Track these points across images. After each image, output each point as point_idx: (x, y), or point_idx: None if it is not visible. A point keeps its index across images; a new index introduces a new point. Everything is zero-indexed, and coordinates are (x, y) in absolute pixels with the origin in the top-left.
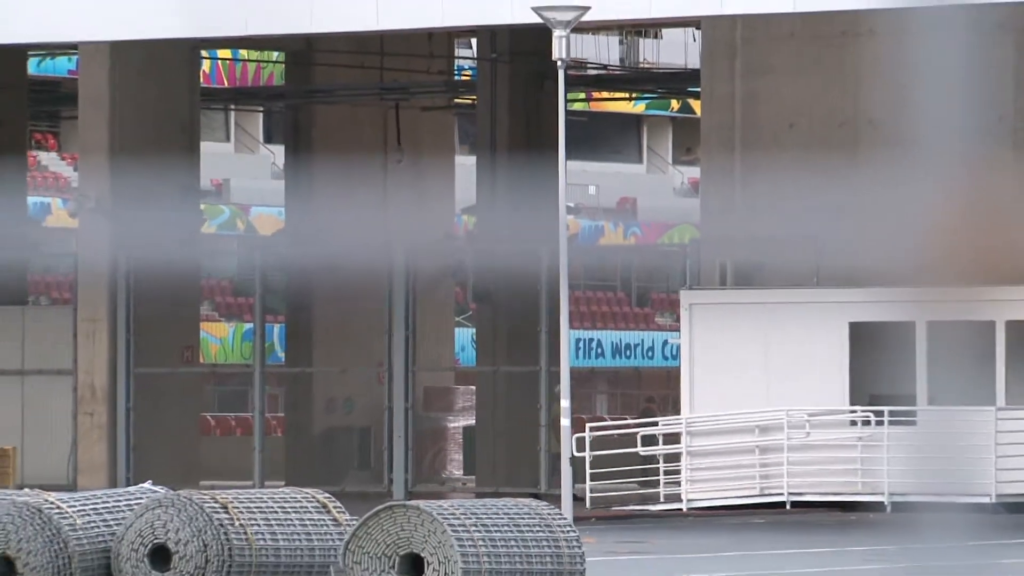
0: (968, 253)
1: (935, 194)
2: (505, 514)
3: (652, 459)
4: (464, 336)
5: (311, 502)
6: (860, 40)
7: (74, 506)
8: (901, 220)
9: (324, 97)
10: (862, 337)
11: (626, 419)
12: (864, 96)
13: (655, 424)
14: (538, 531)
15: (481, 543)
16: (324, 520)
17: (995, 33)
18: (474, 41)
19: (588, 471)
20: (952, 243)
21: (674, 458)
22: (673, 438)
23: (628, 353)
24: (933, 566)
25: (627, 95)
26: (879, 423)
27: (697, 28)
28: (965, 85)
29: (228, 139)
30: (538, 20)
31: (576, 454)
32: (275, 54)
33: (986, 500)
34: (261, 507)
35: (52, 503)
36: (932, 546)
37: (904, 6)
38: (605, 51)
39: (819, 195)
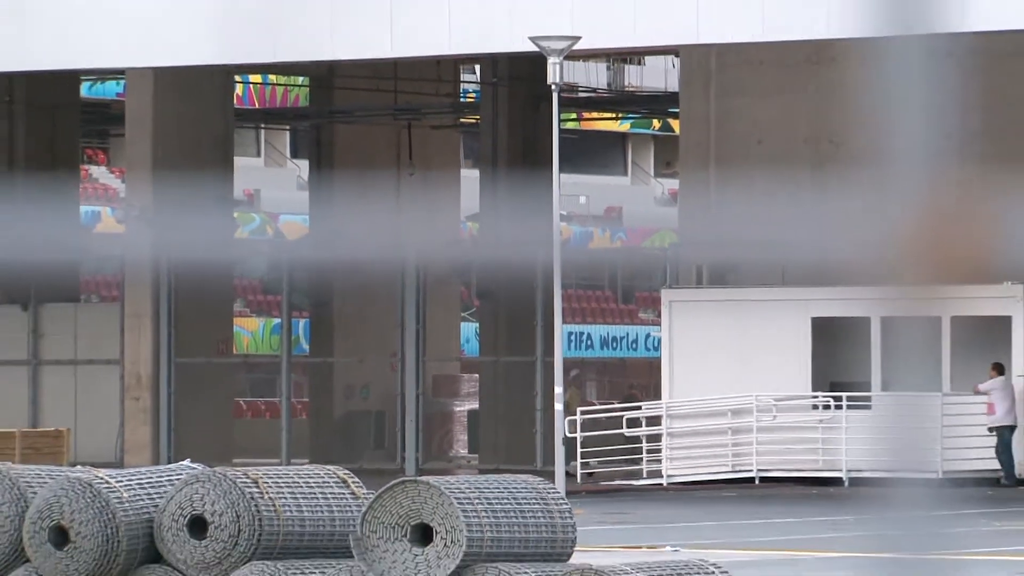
0: (921, 256)
1: (890, 204)
2: (505, 488)
3: (636, 439)
4: (469, 329)
5: (332, 478)
6: (823, 66)
7: (121, 481)
8: (859, 226)
9: (344, 117)
10: (823, 330)
11: (612, 404)
12: (825, 116)
13: (638, 408)
14: (534, 503)
15: (484, 514)
16: (344, 494)
17: (944, 60)
18: (477, 67)
19: (579, 450)
20: (906, 247)
21: (655, 438)
22: (654, 420)
23: (615, 345)
24: (890, 534)
25: (613, 115)
26: (838, 407)
27: (676, 56)
28: (918, 107)
29: (259, 154)
30: (534, 49)
31: (568, 435)
32: (300, 79)
33: (933, 476)
34: (288, 482)
35: (102, 479)
36: (889, 516)
37: (864, 36)
38: (594, 76)
39: (785, 204)
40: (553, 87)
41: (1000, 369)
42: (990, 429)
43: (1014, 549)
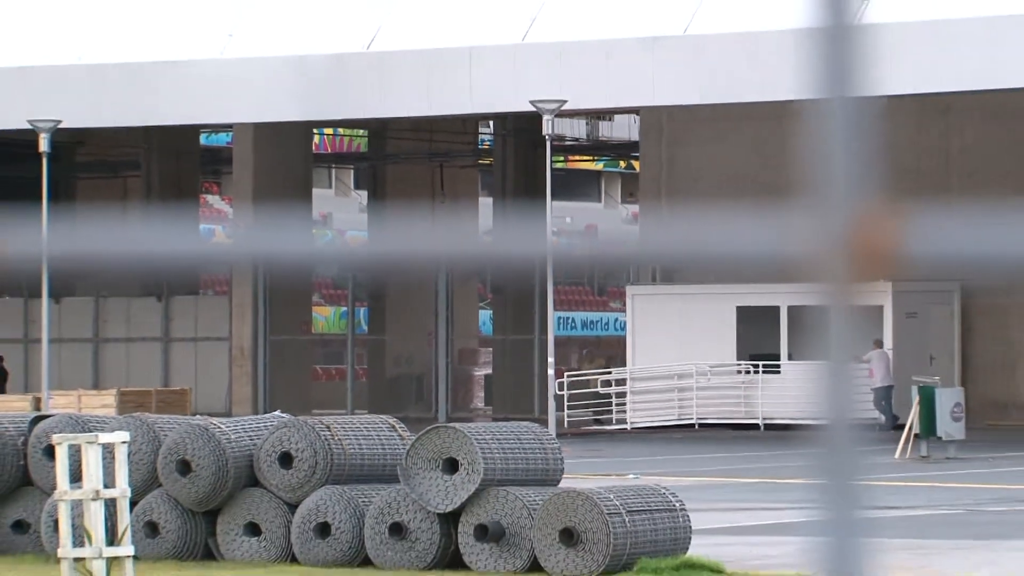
0: (837, 261)
1: (808, 223)
2: (511, 432)
3: (607, 396)
4: (484, 315)
5: (384, 424)
6: (752, 121)
7: (229, 427)
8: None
9: (392, 159)
10: (745, 315)
11: (591, 370)
12: (752, 160)
13: (609, 373)
14: (533, 443)
15: (496, 451)
16: (393, 436)
17: (859, 115)
18: (491, 123)
19: (566, 404)
20: (824, 254)
21: (622, 395)
22: (621, 382)
23: (592, 326)
24: (797, 465)
25: (591, 158)
26: (756, 372)
27: (637, 114)
28: (839, 154)
29: (330, 186)
30: (533, 109)
31: (558, 392)
32: (361, 131)
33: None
34: (351, 427)
35: (215, 425)
36: (814, 452)
37: (785, 99)
38: (577, 129)
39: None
40: (547, 137)
41: (879, 344)
42: (871, 389)
43: (916, 475)
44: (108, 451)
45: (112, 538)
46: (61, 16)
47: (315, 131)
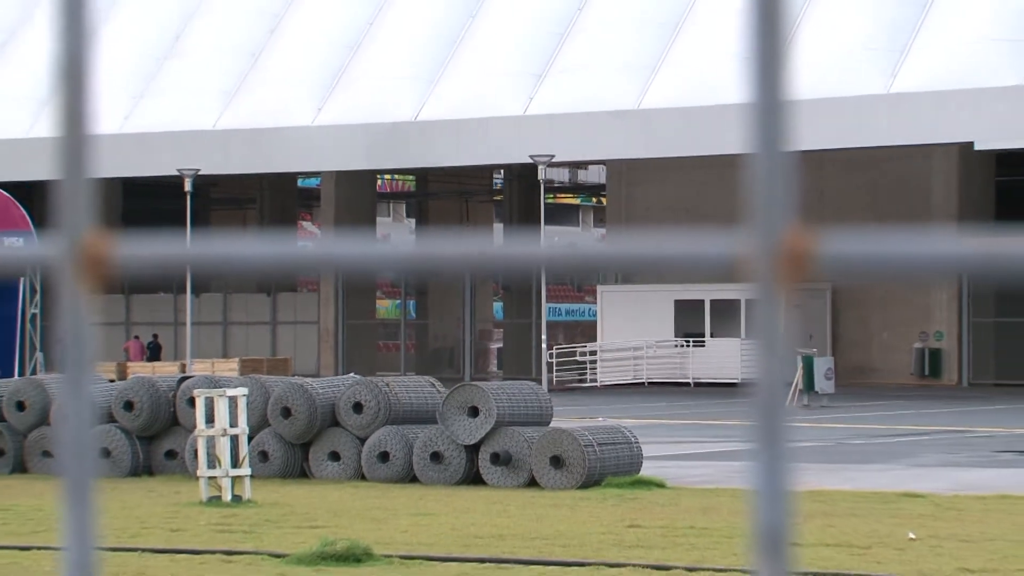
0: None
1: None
2: (516, 388)
3: (583, 362)
4: (497, 306)
5: (427, 382)
6: (688, 169)
7: (318, 384)
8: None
9: (432, 196)
10: (680, 306)
11: (572, 345)
12: (689, 197)
13: (584, 346)
14: (531, 395)
15: (504, 401)
16: (433, 391)
17: (785, 165)
18: (502, 171)
19: (555, 368)
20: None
21: (594, 362)
22: (593, 352)
23: (573, 314)
24: (717, 411)
25: (573, 195)
26: (688, 345)
27: (604, 164)
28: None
29: (389, 215)
30: (531, 160)
31: (548, 360)
32: (411, 176)
33: (736, 381)
34: (404, 384)
35: (308, 383)
36: (748, 403)
37: (710, 154)
38: (562, 175)
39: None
40: (541, 181)
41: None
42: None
43: (800, 419)
44: (232, 401)
45: (235, 462)
46: (199, 92)
47: (378, 176)
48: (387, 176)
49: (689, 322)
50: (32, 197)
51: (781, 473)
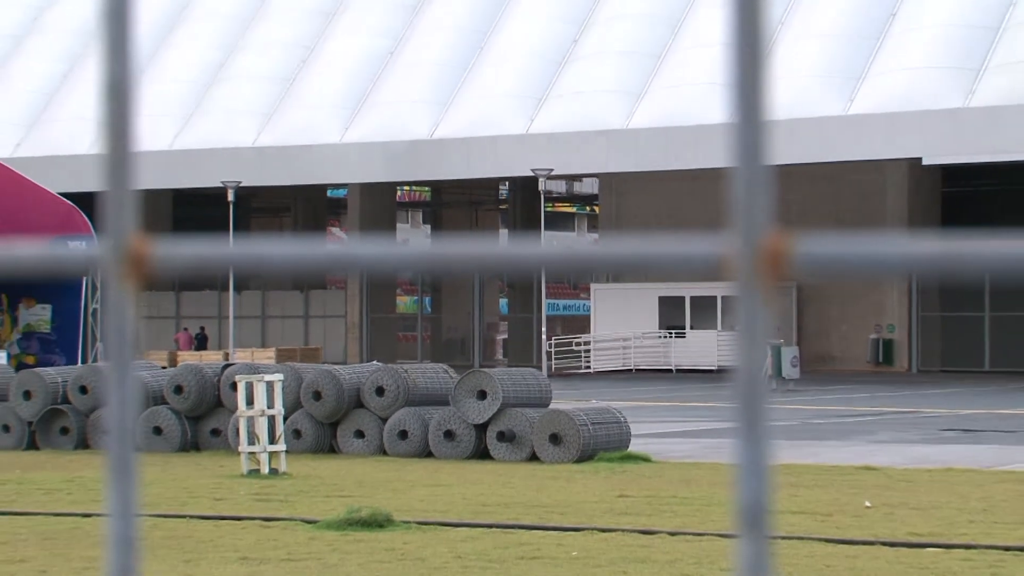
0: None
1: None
2: (519, 374)
3: (579, 351)
4: (503, 301)
5: (441, 369)
6: (671, 180)
7: (345, 371)
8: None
9: (445, 206)
10: (664, 301)
11: (569, 336)
12: (672, 205)
13: (579, 337)
14: (532, 380)
15: (509, 385)
16: (446, 377)
17: (767, 178)
18: (507, 182)
19: (553, 356)
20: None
21: (588, 351)
22: (587, 343)
23: (569, 308)
24: (696, 394)
25: (569, 204)
26: (670, 336)
27: (597, 176)
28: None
29: (407, 222)
30: (532, 174)
31: (548, 349)
32: (427, 187)
33: (713, 368)
34: (421, 370)
35: (336, 369)
36: (728, 386)
37: (689, 168)
38: (560, 186)
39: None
40: (541, 192)
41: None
42: None
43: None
44: (270, 386)
45: (272, 439)
46: (240, 114)
47: (397, 188)
48: (405, 187)
49: (671, 316)
50: (93, 205)
51: (762, 453)
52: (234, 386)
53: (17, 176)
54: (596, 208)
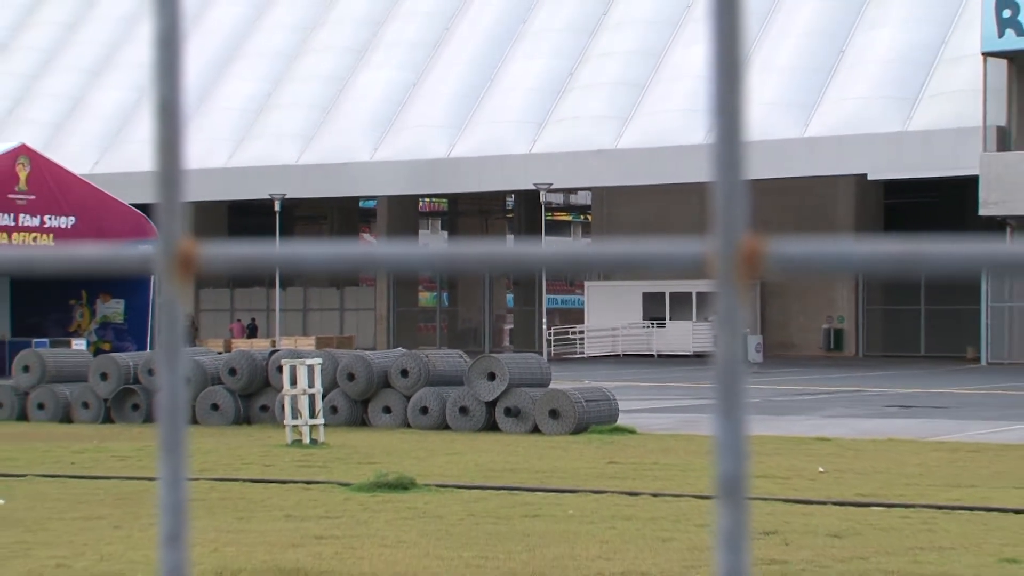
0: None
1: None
2: (523, 358)
3: (575, 339)
4: (509, 296)
5: (457, 354)
6: (657, 193)
7: (375, 356)
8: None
9: (460, 215)
10: (647, 296)
11: (566, 326)
12: (658, 214)
13: (575, 327)
14: (535, 364)
15: (514, 368)
16: (461, 361)
17: (745, 191)
18: (513, 195)
19: (553, 343)
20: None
21: (582, 339)
22: (581, 332)
23: (566, 303)
24: (675, 376)
25: (566, 214)
26: (652, 326)
27: (590, 190)
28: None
29: (428, 229)
30: (535, 188)
31: (548, 337)
32: (445, 199)
33: (689, 353)
34: (439, 355)
35: (367, 354)
36: (709, 370)
37: (673, 182)
38: (559, 198)
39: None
40: (542, 203)
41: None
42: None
43: (758, 381)
44: (310, 368)
45: (312, 414)
46: (286, 136)
47: (419, 199)
48: (426, 199)
49: (653, 309)
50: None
51: (740, 431)
52: (280, 369)
53: (98, 191)
54: (589, 217)
